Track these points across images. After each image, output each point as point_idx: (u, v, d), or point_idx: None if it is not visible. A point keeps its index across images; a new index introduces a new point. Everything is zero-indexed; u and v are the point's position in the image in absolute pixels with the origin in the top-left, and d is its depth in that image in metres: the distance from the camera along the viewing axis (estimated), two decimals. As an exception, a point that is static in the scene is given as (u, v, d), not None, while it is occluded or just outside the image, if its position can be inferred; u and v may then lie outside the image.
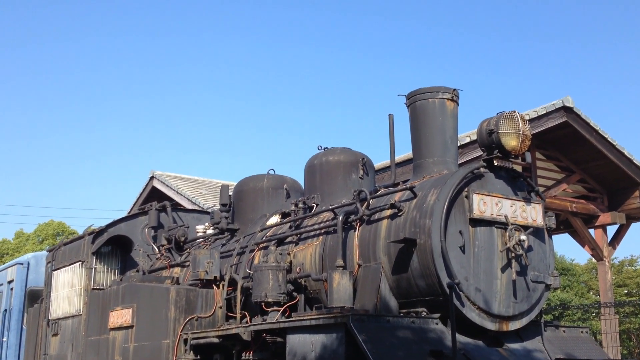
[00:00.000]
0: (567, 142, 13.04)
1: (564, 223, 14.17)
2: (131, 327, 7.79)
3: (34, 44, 69.17)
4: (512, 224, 5.79)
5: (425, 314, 5.66)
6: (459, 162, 8.83)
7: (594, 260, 26.71)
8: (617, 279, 33.44)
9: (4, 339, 13.82)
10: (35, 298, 12.43)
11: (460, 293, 5.53)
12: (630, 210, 13.91)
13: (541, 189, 13.27)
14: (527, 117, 11.82)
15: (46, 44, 70.12)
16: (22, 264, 14.16)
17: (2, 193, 65.74)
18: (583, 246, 14.39)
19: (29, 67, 69.68)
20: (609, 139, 12.86)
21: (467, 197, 5.74)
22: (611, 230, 14.46)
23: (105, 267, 9.87)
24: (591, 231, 14.09)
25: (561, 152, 13.49)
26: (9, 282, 14.28)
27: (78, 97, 72.94)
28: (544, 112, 12.01)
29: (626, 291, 33.27)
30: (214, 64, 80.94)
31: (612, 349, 13.23)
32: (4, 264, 25.68)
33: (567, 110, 12.25)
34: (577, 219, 13.68)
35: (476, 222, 5.75)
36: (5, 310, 14.04)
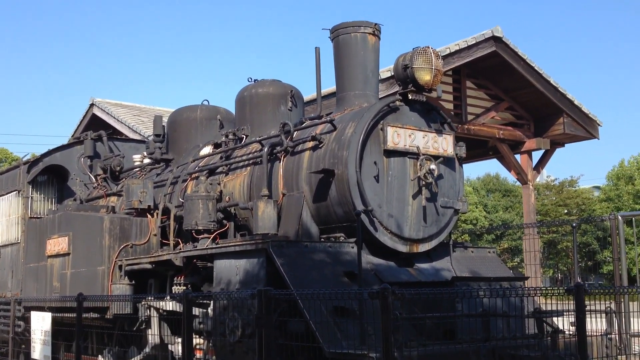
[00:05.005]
0: (497, 71, 13.44)
1: (492, 149, 14.82)
2: (68, 254, 8.06)
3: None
4: (423, 155, 6.21)
5: (343, 238, 6.10)
6: (384, 95, 9.18)
7: (538, 180, 27.73)
8: (558, 199, 35.05)
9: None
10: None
11: (374, 219, 5.98)
12: (555, 136, 14.59)
13: (471, 117, 13.87)
14: (457, 47, 12.23)
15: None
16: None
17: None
18: (509, 171, 15.11)
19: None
20: (536, 68, 13.33)
21: (382, 129, 6.11)
22: (537, 155, 15.23)
23: (42, 196, 10.02)
24: (517, 157, 14.79)
25: (491, 81, 13.93)
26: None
27: (21, 17, 69.63)
28: (474, 42, 12.33)
29: (566, 210, 34.94)
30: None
31: (533, 267, 14.14)
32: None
33: (496, 40, 12.59)
34: (504, 145, 14.28)
35: (390, 153, 6.15)
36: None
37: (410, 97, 6.29)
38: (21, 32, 71.13)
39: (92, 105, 17.36)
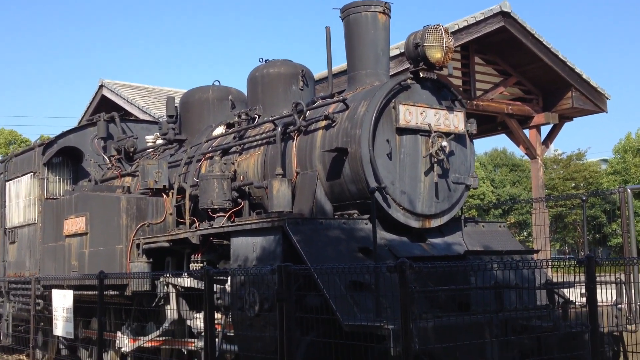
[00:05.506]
0: (505, 46, 13.45)
1: (501, 124, 14.87)
2: (85, 234, 8.23)
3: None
4: (434, 132, 6.30)
5: (356, 215, 6.23)
6: (394, 73, 9.23)
7: (546, 154, 27.73)
8: (566, 173, 35.06)
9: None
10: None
11: (387, 196, 6.10)
12: (563, 110, 14.62)
13: (479, 93, 13.90)
14: (465, 23, 12.24)
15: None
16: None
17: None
18: (518, 145, 15.17)
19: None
20: (544, 42, 13.32)
21: (394, 107, 6.20)
22: (545, 130, 15.28)
23: (57, 177, 10.18)
24: (526, 131, 14.84)
25: (499, 56, 13.93)
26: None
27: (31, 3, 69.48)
28: (482, 17, 12.33)
29: (574, 184, 34.95)
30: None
31: (542, 240, 14.28)
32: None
33: (504, 15, 12.60)
34: (512, 120, 14.33)
35: (402, 131, 6.24)
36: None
37: (421, 75, 6.36)
38: (29, 15, 71.14)
39: (101, 86, 17.47)
